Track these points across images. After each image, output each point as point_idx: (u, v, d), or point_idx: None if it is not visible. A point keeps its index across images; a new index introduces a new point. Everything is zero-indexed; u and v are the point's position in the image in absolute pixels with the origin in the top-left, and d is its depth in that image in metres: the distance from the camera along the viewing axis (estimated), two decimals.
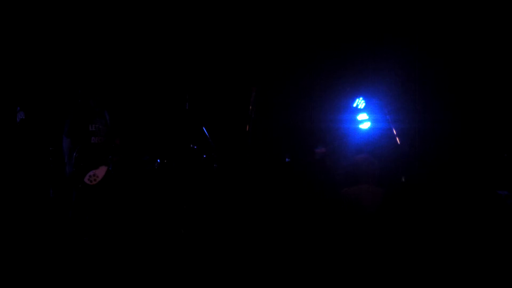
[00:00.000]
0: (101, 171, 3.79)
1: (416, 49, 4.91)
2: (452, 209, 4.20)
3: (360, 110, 5.21)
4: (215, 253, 3.41)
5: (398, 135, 4.58)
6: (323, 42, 5.37)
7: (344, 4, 5.10)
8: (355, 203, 3.50)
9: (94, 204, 3.80)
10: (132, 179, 4.74)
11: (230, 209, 4.43)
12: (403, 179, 3.82)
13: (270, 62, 5.50)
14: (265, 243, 3.63)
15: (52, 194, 4.34)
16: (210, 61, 5.46)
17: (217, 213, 4.38)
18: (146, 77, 5.35)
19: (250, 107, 4.21)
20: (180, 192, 4.63)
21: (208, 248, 3.53)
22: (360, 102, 5.22)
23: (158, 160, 4.46)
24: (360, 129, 5.15)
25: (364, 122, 5.16)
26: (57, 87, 4.89)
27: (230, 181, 4.95)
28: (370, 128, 5.12)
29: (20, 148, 4.52)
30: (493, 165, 4.50)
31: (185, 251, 3.47)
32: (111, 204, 4.09)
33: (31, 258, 3.27)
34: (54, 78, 4.93)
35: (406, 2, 4.85)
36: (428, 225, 3.88)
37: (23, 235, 3.74)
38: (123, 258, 3.29)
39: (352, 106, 5.26)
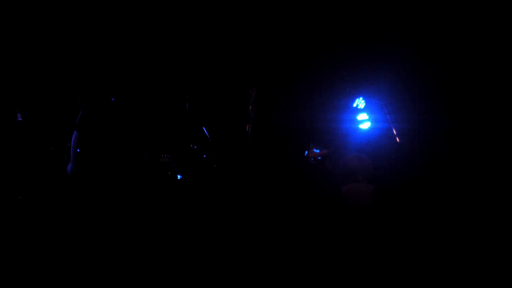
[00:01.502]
0: None
1: (417, 48, 4.92)
2: (452, 209, 4.20)
3: (360, 110, 5.22)
4: (215, 253, 3.41)
5: (398, 135, 4.58)
6: (323, 42, 5.37)
7: (344, 3, 5.10)
8: (346, 201, 3.52)
9: (92, 203, 3.80)
10: (132, 179, 4.73)
11: (230, 209, 4.43)
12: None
13: (270, 62, 5.50)
14: (265, 243, 3.63)
15: (52, 194, 4.34)
16: (209, 61, 5.46)
17: (217, 213, 4.38)
18: (146, 77, 5.35)
19: (250, 107, 4.21)
20: (180, 192, 4.63)
21: (208, 248, 3.53)
22: (360, 102, 5.23)
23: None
24: (360, 129, 5.16)
25: (364, 122, 5.16)
26: (57, 88, 4.89)
27: (230, 181, 4.95)
28: (370, 128, 5.12)
29: (19, 149, 4.52)
30: (494, 165, 4.50)
31: (185, 251, 3.47)
32: (110, 204, 4.09)
33: (31, 258, 3.27)
34: (54, 78, 4.92)
35: (407, 3, 4.85)
36: (428, 225, 3.88)
37: (23, 235, 3.74)
38: (123, 258, 3.29)
39: (352, 106, 5.26)
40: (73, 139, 3.84)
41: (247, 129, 4.27)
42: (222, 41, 5.40)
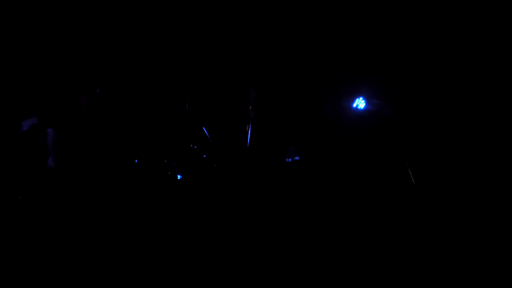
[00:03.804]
0: None
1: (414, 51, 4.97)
2: (449, 207, 4.23)
3: (360, 109, 5.26)
4: (215, 253, 3.41)
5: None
6: (323, 42, 5.37)
7: (344, 5, 5.11)
8: None
9: (90, 203, 3.82)
10: (133, 178, 4.74)
11: (230, 209, 4.43)
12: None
13: (270, 62, 5.50)
14: (265, 243, 3.64)
15: (52, 194, 4.35)
16: (209, 61, 5.46)
17: (217, 213, 4.38)
18: (146, 77, 5.35)
19: (250, 107, 4.21)
20: (180, 192, 4.63)
21: (208, 248, 3.53)
22: (360, 102, 5.24)
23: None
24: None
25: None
26: (55, 87, 4.88)
27: (230, 181, 4.95)
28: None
29: (22, 150, 4.52)
30: (491, 164, 4.52)
31: (185, 251, 3.48)
32: (109, 204, 4.10)
33: (31, 258, 3.28)
34: (52, 78, 4.92)
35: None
36: (424, 221, 3.90)
37: (23, 235, 3.74)
38: (122, 258, 3.29)
39: (352, 106, 5.28)
40: (49, 137, 3.88)
41: (247, 129, 4.27)
42: (222, 41, 5.40)
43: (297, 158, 5.31)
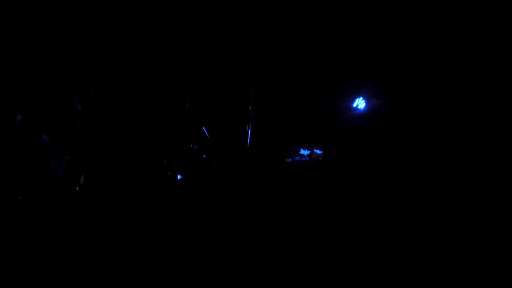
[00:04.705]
0: None
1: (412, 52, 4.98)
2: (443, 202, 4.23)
3: (359, 108, 5.26)
4: (215, 253, 3.41)
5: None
6: (323, 42, 5.38)
7: (343, 5, 5.11)
8: None
9: (92, 204, 3.82)
10: (133, 179, 4.74)
11: (229, 209, 4.44)
12: None
13: (270, 62, 5.50)
14: (265, 242, 3.64)
15: (52, 194, 4.34)
16: (209, 61, 5.46)
17: (217, 213, 4.38)
18: (146, 77, 5.35)
19: (250, 107, 4.21)
20: (180, 192, 4.63)
21: (208, 248, 3.54)
22: (360, 102, 5.25)
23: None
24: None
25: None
26: (56, 86, 4.87)
27: (230, 181, 4.95)
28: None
29: (20, 149, 4.51)
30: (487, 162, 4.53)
31: (185, 251, 3.48)
32: (110, 204, 4.10)
33: (31, 258, 3.28)
34: (52, 77, 4.90)
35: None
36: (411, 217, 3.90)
37: (23, 235, 3.74)
38: (123, 258, 3.29)
39: (352, 106, 5.29)
40: (46, 142, 3.87)
41: (247, 129, 4.28)
42: (222, 41, 5.40)
43: (297, 158, 5.31)
